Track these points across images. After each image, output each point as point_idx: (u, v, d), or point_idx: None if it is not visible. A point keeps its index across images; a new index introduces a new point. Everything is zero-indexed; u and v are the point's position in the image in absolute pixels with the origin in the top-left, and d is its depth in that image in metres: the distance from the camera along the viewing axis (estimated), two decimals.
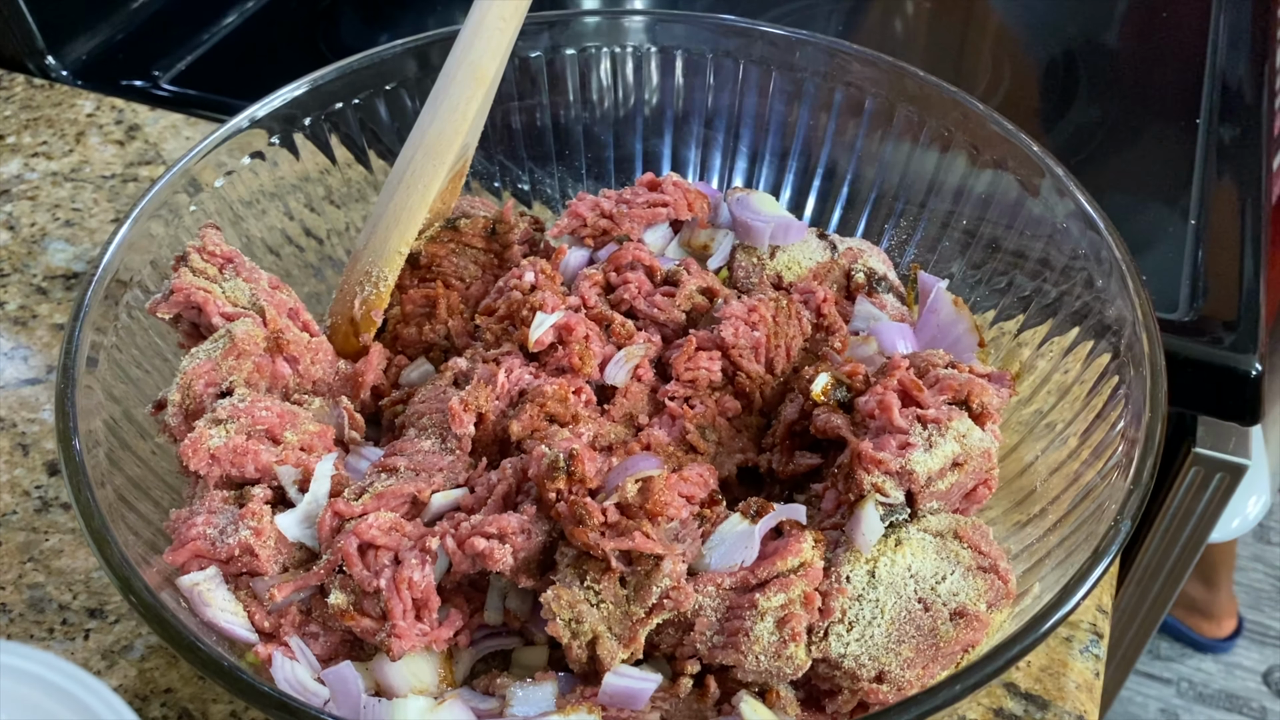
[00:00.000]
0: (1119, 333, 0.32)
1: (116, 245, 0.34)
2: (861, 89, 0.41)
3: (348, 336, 0.36)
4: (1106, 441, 0.31)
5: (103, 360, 0.32)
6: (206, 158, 0.38)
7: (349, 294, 0.36)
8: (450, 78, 0.34)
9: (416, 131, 0.35)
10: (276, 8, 0.70)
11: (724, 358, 0.36)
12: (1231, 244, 0.52)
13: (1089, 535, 0.28)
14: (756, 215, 0.40)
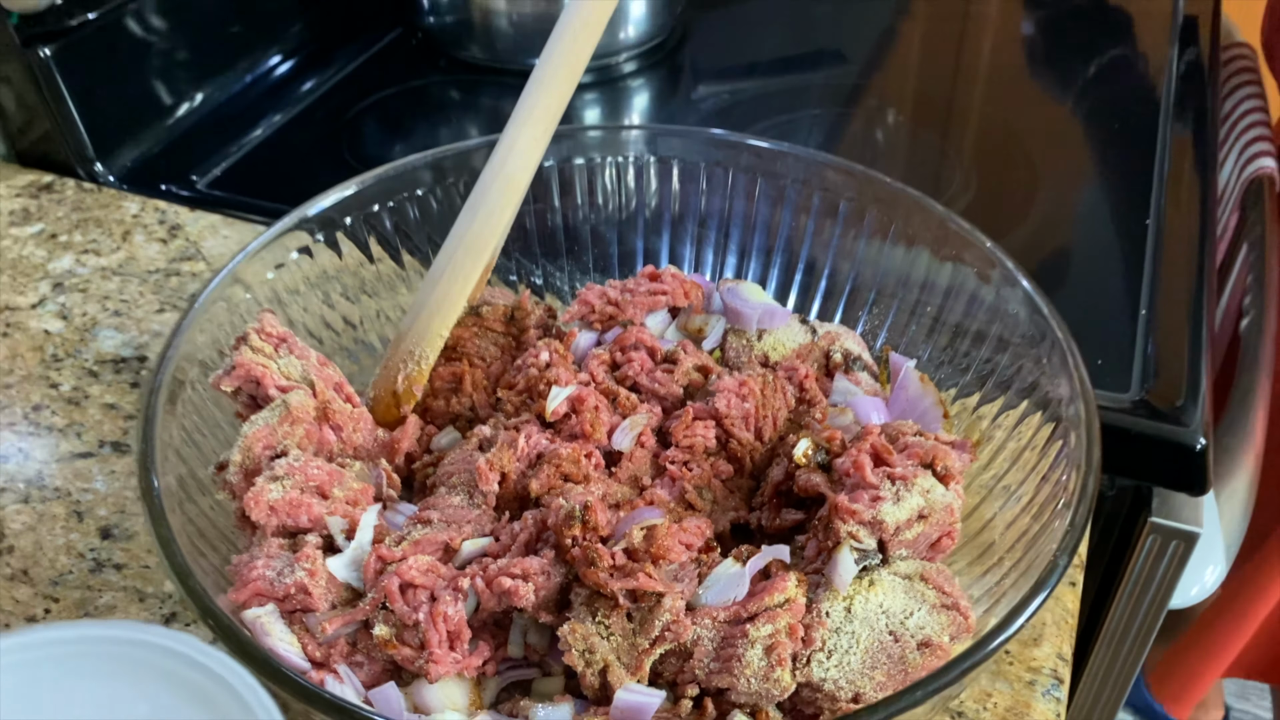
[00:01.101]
0: (1060, 404, 0.37)
1: (185, 329, 0.39)
2: (836, 193, 0.47)
3: (389, 408, 0.41)
4: (1051, 497, 0.35)
5: (173, 427, 0.37)
6: (261, 253, 0.43)
7: (393, 371, 0.41)
8: (488, 187, 0.40)
9: (456, 232, 0.40)
10: (303, 120, 0.76)
11: (718, 426, 0.40)
12: (1178, 333, 0.57)
13: (1038, 575, 0.32)
14: (745, 303, 0.45)
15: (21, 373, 0.54)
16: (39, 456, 0.50)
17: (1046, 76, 0.82)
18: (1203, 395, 0.53)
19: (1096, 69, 0.82)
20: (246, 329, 0.39)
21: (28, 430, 0.51)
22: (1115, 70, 0.82)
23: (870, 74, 0.81)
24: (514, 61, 0.80)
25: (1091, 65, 0.83)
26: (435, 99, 0.80)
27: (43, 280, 0.60)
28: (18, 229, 0.64)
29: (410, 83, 0.80)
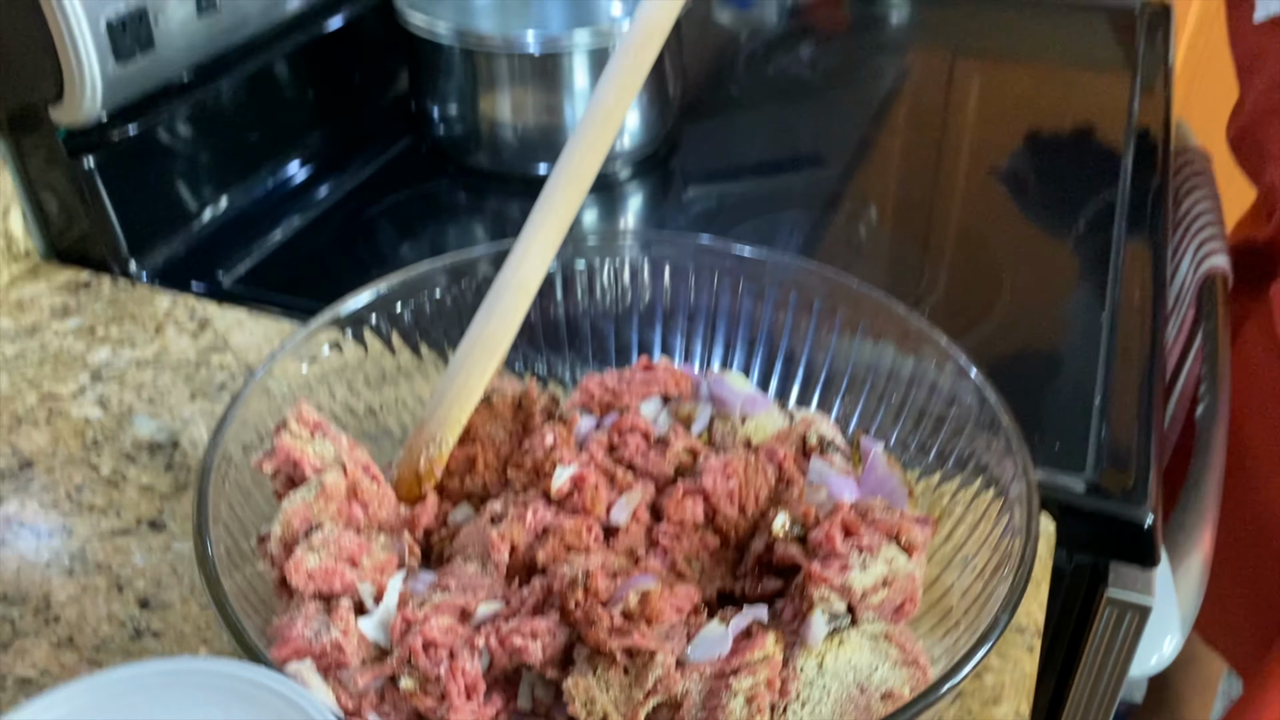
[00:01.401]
0: (1006, 482, 0.42)
1: (231, 417, 0.43)
2: (810, 294, 0.52)
3: (412, 486, 0.45)
4: (999, 565, 0.40)
5: (221, 504, 0.41)
6: (296, 349, 0.48)
7: (416, 453, 0.45)
8: (502, 290, 0.45)
9: (473, 330, 0.45)
10: (321, 222, 0.82)
11: (705, 503, 0.45)
12: (1129, 421, 0.62)
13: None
14: (730, 391, 0.50)
15: (64, 456, 0.59)
16: (82, 533, 0.54)
17: (1012, 182, 0.89)
18: (1151, 477, 0.58)
19: (1059, 174, 0.89)
20: (286, 416, 0.43)
21: (71, 509, 0.55)
22: (1075, 175, 0.88)
23: (848, 178, 0.88)
24: (517, 168, 0.86)
25: (1054, 171, 0.89)
26: (444, 203, 0.86)
27: (82, 371, 0.65)
28: (58, 323, 0.69)
29: (420, 187, 0.86)
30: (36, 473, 0.58)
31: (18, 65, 0.68)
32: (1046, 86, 1.04)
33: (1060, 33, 1.14)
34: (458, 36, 0.82)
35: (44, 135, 0.70)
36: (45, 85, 0.67)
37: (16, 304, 0.70)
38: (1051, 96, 1.01)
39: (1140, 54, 1.04)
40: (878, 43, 1.13)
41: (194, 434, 0.60)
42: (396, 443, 0.53)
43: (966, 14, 1.18)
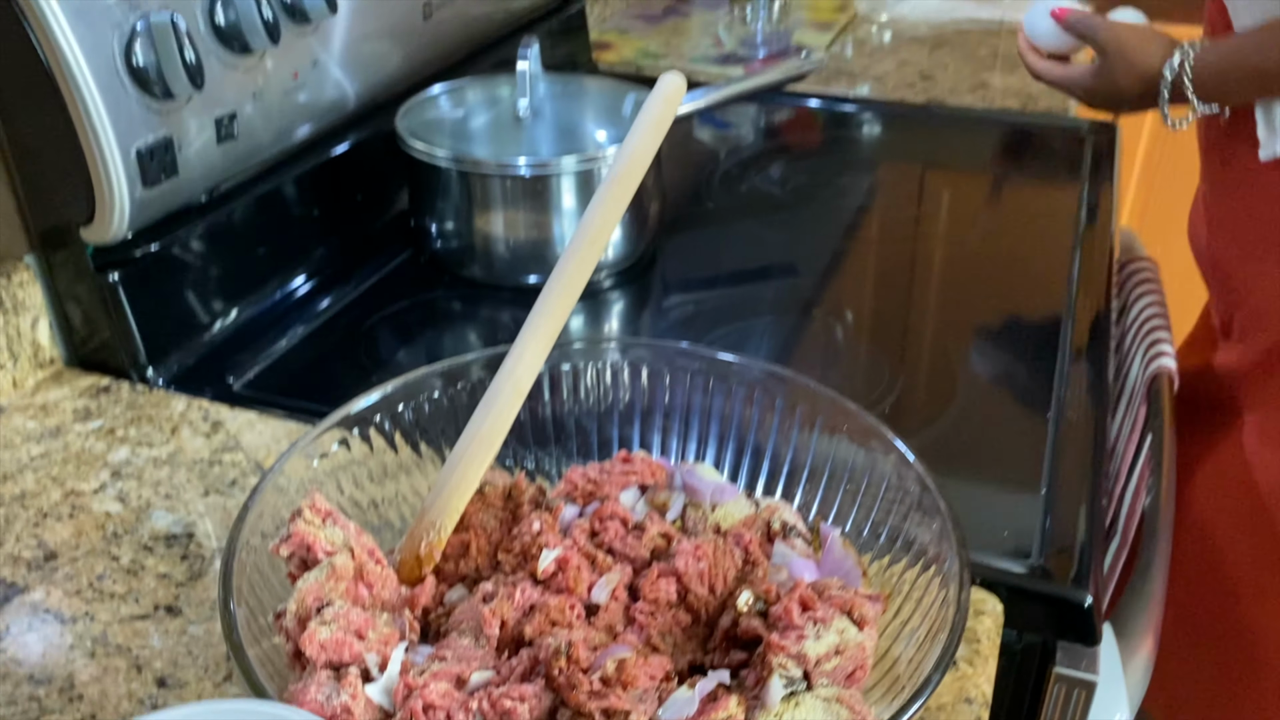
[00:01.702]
0: (943, 561, 0.47)
1: (251, 508, 0.48)
2: (773, 392, 0.58)
3: (413, 569, 0.50)
4: (935, 632, 0.45)
5: (242, 584, 0.46)
6: (306, 447, 0.53)
7: (417, 539, 0.50)
8: (498, 390, 0.51)
9: (471, 427, 0.51)
10: (325, 330, 0.88)
11: (678, 583, 0.50)
12: (1072, 509, 0.67)
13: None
14: (701, 481, 0.55)
15: (86, 548, 0.63)
16: (103, 618, 0.58)
17: (970, 287, 0.95)
18: (1091, 562, 0.63)
19: (1010, 278, 0.95)
20: (301, 505, 0.48)
21: (93, 596, 0.60)
22: (1025, 279, 0.95)
23: (820, 287, 0.94)
24: (509, 279, 0.93)
25: (1007, 278, 0.96)
26: (440, 311, 0.92)
27: (103, 469, 0.70)
28: (80, 425, 0.74)
29: (418, 297, 0.93)
30: (61, 563, 0.62)
31: (54, 189, 0.74)
32: (1008, 199, 1.12)
33: (1018, 149, 1.23)
34: (455, 161, 0.89)
35: (73, 252, 0.76)
36: (78, 208, 0.73)
37: (41, 407, 0.76)
38: (1011, 208, 1.09)
39: (1086, 169, 1.12)
40: (850, 159, 1.21)
41: (207, 526, 0.65)
42: (397, 533, 0.57)
43: (933, 132, 1.26)
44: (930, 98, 1.32)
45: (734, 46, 1.45)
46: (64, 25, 0.67)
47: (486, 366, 0.59)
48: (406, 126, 0.92)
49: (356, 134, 0.97)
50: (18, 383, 0.77)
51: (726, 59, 1.43)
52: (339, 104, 0.92)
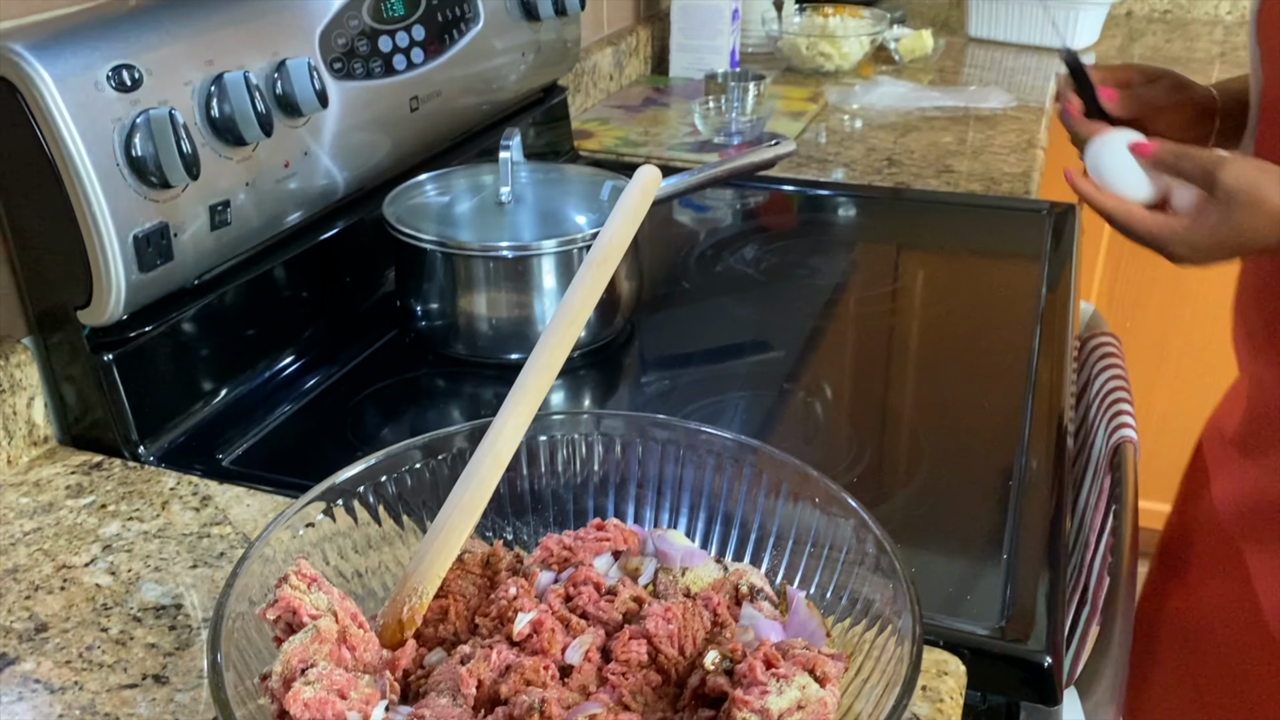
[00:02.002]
0: (899, 619, 0.49)
1: (239, 576, 0.51)
2: (741, 462, 0.61)
3: (395, 633, 0.52)
4: (890, 687, 0.47)
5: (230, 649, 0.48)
6: (291, 519, 0.55)
7: (400, 603, 0.52)
8: (480, 461, 0.53)
9: (453, 496, 0.53)
10: (311, 407, 0.90)
11: (649, 644, 0.52)
12: (1032, 574, 0.70)
13: None
14: (672, 546, 0.57)
15: (77, 619, 0.65)
16: (91, 688, 0.60)
17: (941, 360, 0.99)
18: (1051, 624, 0.65)
19: (977, 351, 0.99)
20: (287, 571, 0.51)
21: (82, 666, 0.62)
22: (991, 352, 0.98)
23: (791, 361, 0.97)
24: (491, 356, 0.96)
25: (973, 349, 1.00)
26: (424, 388, 0.95)
27: (94, 543, 0.72)
28: (73, 501, 0.76)
29: (404, 375, 0.96)
30: (51, 634, 0.64)
31: (53, 274, 0.77)
32: (976, 276, 1.16)
33: (984, 229, 1.27)
34: (440, 244, 0.93)
35: (70, 334, 0.79)
36: (76, 291, 0.77)
37: (35, 484, 0.78)
38: (979, 285, 1.13)
39: (1047, 247, 1.17)
40: (825, 240, 1.26)
41: (195, 598, 0.67)
42: (380, 601, 0.59)
43: (906, 214, 1.31)
44: (898, 181, 1.37)
45: (710, 134, 1.51)
46: (67, 118, 0.71)
47: (468, 439, 0.62)
48: (394, 212, 0.96)
49: (345, 219, 1.00)
50: (12, 460, 0.79)
51: (703, 146, 1.48)
52: (328, 191, 0.96)
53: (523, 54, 1.23)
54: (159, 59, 0.77)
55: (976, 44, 2.07)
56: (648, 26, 1.84)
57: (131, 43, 0.76)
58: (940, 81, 1.82)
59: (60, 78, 0.71)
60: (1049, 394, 0.90)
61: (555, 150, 1.41)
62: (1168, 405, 2.06)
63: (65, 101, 0.71)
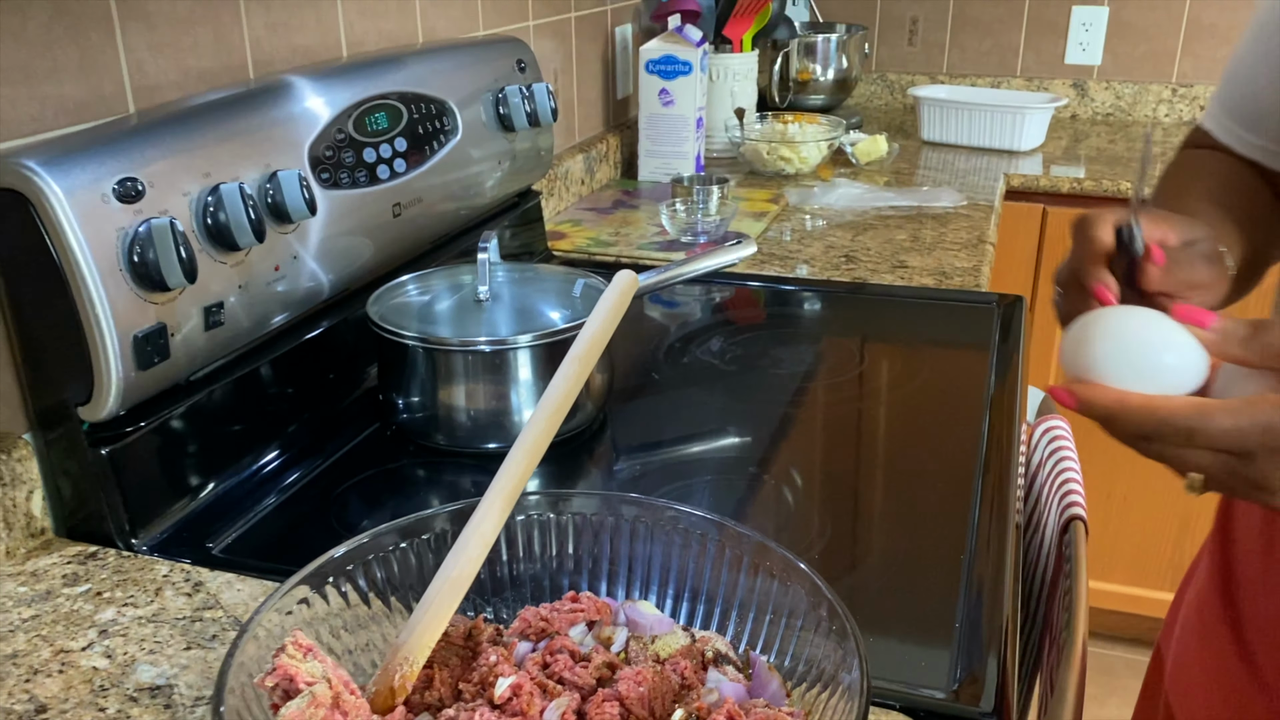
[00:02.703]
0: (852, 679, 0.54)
1: (235, 653, 0.54)
2: (705, 536, 0.65)
3: (386, 699, 0.56)
4: None
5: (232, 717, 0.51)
6: (285, 596, 0.59)
7: (391, 671, 0.56)
8: (467, 541, 0.57)
9: (443, 572, 0.57)
10: (297, 498, 0.94)
11: (621, 706, 0.56)
12: (981, 643, 0.74)
13: None
14: (642, 616, 0.62)
15: (75, 700, 0.68)
16: None
17: (898, 443, 1.04)
18: (996, 688, 0.69)
19: (932, 436, 1.04)
20: (284, 641, 0.54)
21: None
22: (945, 437, 1.04)
23: (757, 447, 1.03)
24: (470, 446, 1.01)
25: (926, 436, 1.05)
26: (406, 477, 0.99)
27: (90, 629, 0.75)
28: (69, 589, 0.79)
29: (385, 466, 1.00)
30: (50, 715, 0.67)
31: (55, 372, 0.82)
32: (936, 365, 1.22)
33: (940, 320, 1.34)
34: (421, 340, 0.98)
35: (68, 429, 0.83)
36: (77, 389, 0.81)
37: (32, 574, 0.81)
38: (935, 374, 1.19)
39: (995, 337, 1.24)
40: (790, 331, 1.32)
41: (189, 678, 0.70)
42: (368, 677, 0.63)
43: (868, 306, 1.38)
44: (856, 276, 1.44)
45: (677, 234, 1.58)
46: (75, 228, 0.76)
47: (450, 520, 0.66)
48: (377, 311, 1.01)
49: (329, 319, 1.06)
50: (11, 552, 0.83)
51: (670, 245, 1.56)
52: (314, 293, 1.01)
53: (499, 162, 1.31)
54: (160, 171, 0.83)
55: (929, 147, 2.18)
56: (617, 134, 1.94)
57: (134, 157, 0.82)
58: (895, 183, 1.91)
59: (69, 190, 0.77)
60: (997, 476, 0.95)
61: (530, 250, 1.48)
62: (1127, 489, 2.12)
63: (74, 212, 0.76)
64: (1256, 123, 0.81)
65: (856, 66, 2.34)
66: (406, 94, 1.14)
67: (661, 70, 1.82)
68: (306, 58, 1.13)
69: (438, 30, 1.37)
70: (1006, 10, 2.46)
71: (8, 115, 0.82)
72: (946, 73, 2.54)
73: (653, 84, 1.83)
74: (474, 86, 1.26)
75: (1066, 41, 2.45)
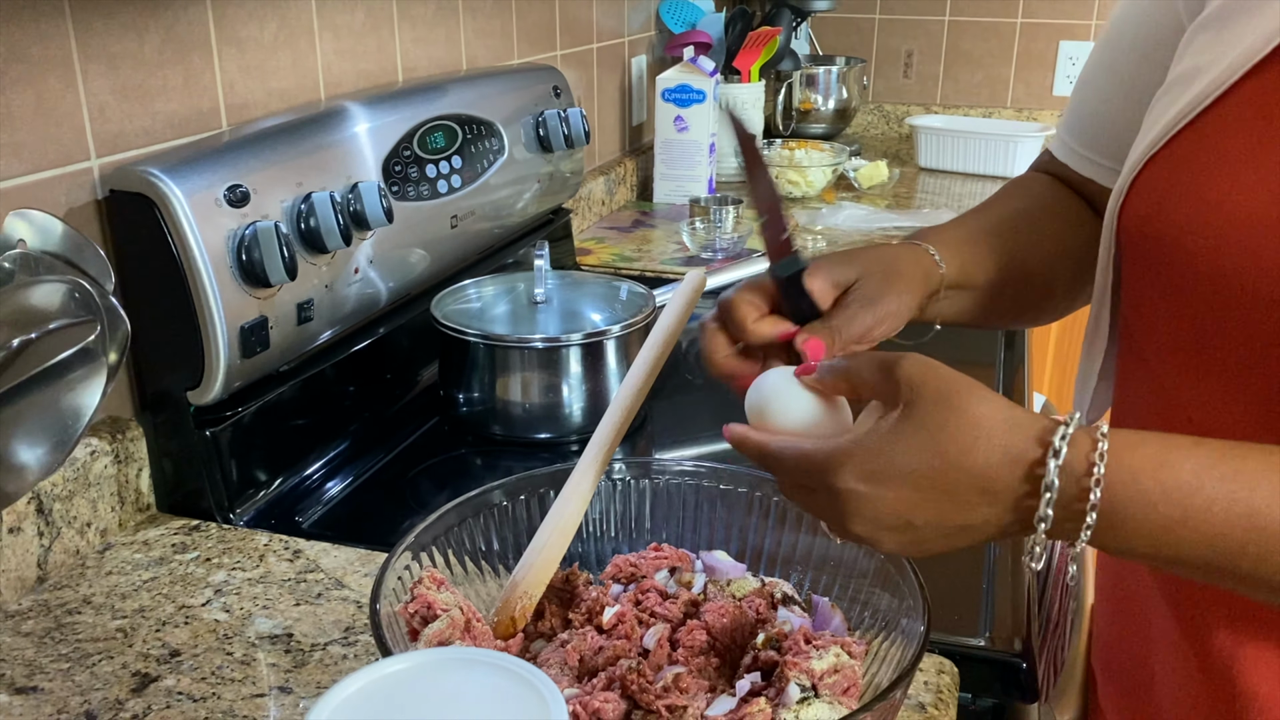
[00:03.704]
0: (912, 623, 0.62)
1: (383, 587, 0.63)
2: (768, 498, 0.74)
3: (507, 627, 0.64)
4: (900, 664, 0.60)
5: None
6: (393, 563, 0.67)
7: (511, 604, 0.64)
8: (569, 496, 0.65)
9: (550, 519, 0.64)
10: (371, 481, 1.03)
11: (707, 634, 0.65)
12: (1006, 599, 0.83)
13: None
14: (719, 563, 0.71)
15: (204, 646, 0.76)
16: (228, 697, 0.71)
17: None
18: (1022, 634, 0.78)
19: None
20: (421, 575, 0.63)
21: (216, 681, 0.72)
22: None
23: None
24: (524, 436, 1.09)
25: None
26: (467, 463, 1.08)
27: (206, 588, 0.83)
28: (180, 556, 0.87)
29: (449, 454, 1.09)
30: (184, 658, 0.75)
31: (166, 360, 0.90)
32: None
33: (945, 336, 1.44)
34: (482, 337, 1.07)
35: (175, 413, 0.91)
36: (187, 376, 0.89)
37: (143, 543, 0.89)
38: None
39: (1001, 354, 1.34)
40: None
41: (304, 628, 0.78)
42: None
43: None
44: None
45: (697, 250, 1.68)
46: (195, 228, 0.85)
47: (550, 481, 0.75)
48: (441, 312, 1.10)
49: (387, 325, 1.15)
50: (123, 523, 0.91)
51: (690, 260, 1.65)
52: (380, 297, 1.10)
53: (537, 181, 1.40)
54: (260, 180, 0.92)
55: (927, 173, 2.29)
56: (633, 158, 2.04)
57: (240, 167, 0.91)
58: (896, 205, 2.02)
59: (188, 194, 0.85)
60: None
61: (560, 265, 1.57)
62: None
63: (193, 215, 0.85)
64: (1095, 139, 0.75)
65: (855, 97, 2.46)
66: (460, 116, 1.23)
67: (677, 99, 1.92)
68: (368, 81, 1.23)
69: (479, 58, 1.47)
70: (997, 45, 2.59)
71: (126, 128, 0.91)
72: (940, 103, 2.67)
73: (668, 111, 1.93)
74: (516, 109, 1.35)
75: (1054, 74, 2.58)
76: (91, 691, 0.71)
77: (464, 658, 0.44)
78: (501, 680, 0.43)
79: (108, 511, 0.89)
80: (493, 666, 0.44)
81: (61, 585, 0.83)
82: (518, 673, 0.43)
